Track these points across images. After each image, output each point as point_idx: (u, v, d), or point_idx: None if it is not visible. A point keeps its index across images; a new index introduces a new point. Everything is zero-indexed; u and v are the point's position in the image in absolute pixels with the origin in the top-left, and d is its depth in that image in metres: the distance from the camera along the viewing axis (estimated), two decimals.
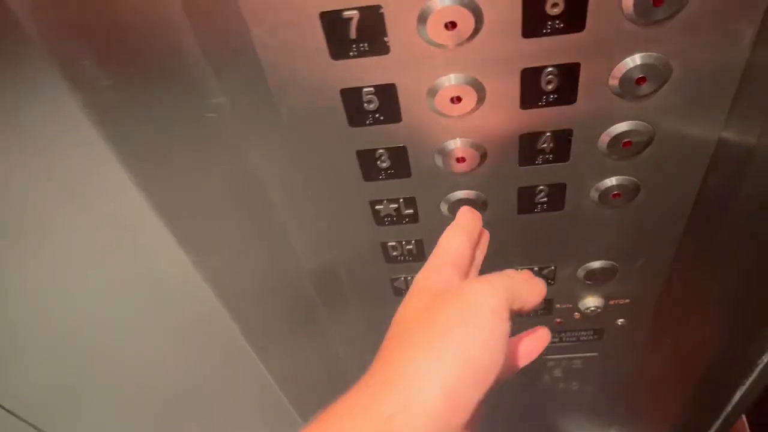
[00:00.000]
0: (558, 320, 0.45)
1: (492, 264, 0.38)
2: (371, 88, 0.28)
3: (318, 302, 0.44)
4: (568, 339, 0.47)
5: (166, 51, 0.27)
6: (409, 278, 0.40)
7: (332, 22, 0.25)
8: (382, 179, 0.33)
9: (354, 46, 0.26)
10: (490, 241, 0.34)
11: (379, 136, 0.31)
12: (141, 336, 0.53)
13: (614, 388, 0.55)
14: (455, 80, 0.28)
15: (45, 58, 0.27)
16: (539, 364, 0.50)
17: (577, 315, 0.44)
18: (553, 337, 0.47)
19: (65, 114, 0.30)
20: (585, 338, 0.47)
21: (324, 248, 0.39)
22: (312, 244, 0.39)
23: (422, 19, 0.25)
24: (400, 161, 0.32)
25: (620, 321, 0.45)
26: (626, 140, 0.30)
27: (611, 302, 0.43)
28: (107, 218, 0.38)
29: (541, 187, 0.33)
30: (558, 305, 0.43)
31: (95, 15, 0.25)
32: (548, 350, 0.47)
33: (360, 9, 0.25)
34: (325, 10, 0.25)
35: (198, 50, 0.27)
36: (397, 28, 0.26)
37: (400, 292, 0.42)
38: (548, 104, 0.29)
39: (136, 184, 0.33)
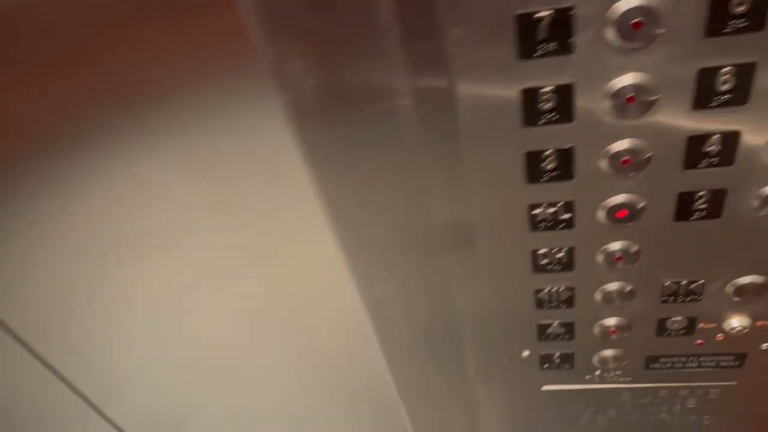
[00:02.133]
0: (699, 341, 0.44)
1: (638, 274, 0.38)
2: (550, 87, 0.30)
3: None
4: (706, 364, 0.46)
5: (368, 51, 0.30)
6: (554, 289, 0.41)
7: (526, 22, 0.28)
8: (544, 182, 0.35)
9: (541, 46, 0.29)
10: (641, 251, 0.35)
11: (549, 137, 0.32)
12: (271, 366, 0.55)
13: (749, 426, 0.53)
14: (633, 79, 0.29)
15: (260, 62, 0.31)
16: (670, 392, 0.49)
17: (720, 336, 0.43)
18: (691, 361, 0.46)
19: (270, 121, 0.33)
20: (725, 364, 0.46)
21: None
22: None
23: (610, 19, 0.27)
24: (567, 162, 0.33)
25: (765, 346, 0.44)
26: None
27: (758, 323, 0.42)
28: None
29: (702, 193, 0.34)
30: (701, 324, 0.43)
31: (316, 16, 0.29)
32: (683, 377, 0.47)
33: (555, 10, 0.27)
34: (523, 12, 0.28)
35: (397, 52, 0.30)
36: (585, 29, 0.28)
37: (542, 304, 0.43)
38: (720, 105, 0.30)
39: (317, 193, 0.36)
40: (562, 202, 0.36)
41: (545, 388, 0.50)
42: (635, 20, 0.27)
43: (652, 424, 0.54)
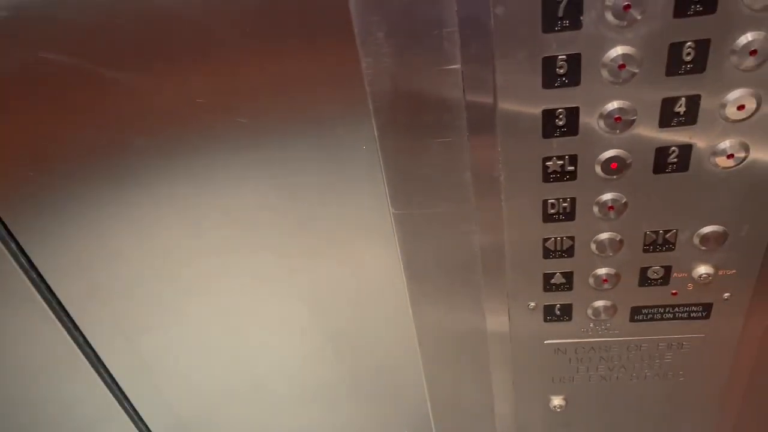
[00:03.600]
0: (673, 291, 0.54)
1: (625, 224, 0.49)
2: (564, 56, 0.41)
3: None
4: (680, 315, 0.56)
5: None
6: (558, 238, 0.51)
7: (549, 4, 0.39)
8: (556, 137, 0.45)
9: (559, 21, 0.40)
10: (628, 202, 0.46)
11: (561, 98, 0.43)
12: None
13: (717, 383, 0.62)
14: (624, 50, 0.41)
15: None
16: (650, 345, 0.59)
17: (690, 286, 0.54)
18: (667, 312, 0.56)
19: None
20: (695, 315, 0.56)
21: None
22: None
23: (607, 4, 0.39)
24: (573, 120, 0.44)
25: (727, 295, 0.54)
26: None
27: (720, 272, 0.52)
28: None
29: (673, 148, 0.45)
30: (675, 274, 0.53)
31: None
32: (661, 329, 0.56)
33: None
34: None
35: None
36: (589, 10, 0.39)
37: (548, 254, 0.52)
38: (685, 73, 0.41)
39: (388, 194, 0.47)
40: (567, 156, 0.46)
41: (547, 341, 0.59)
42: (626, 3, 0.39)
43: (636, 382, 0.62)
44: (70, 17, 0.43)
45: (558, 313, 0.56)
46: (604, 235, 0.51)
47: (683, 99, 0.43)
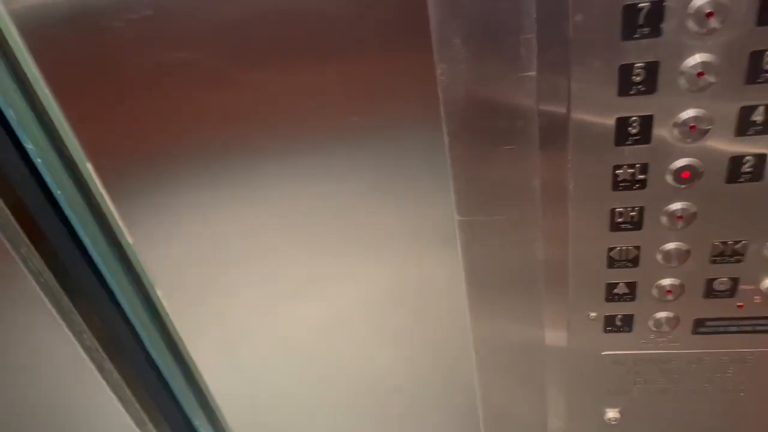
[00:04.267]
0: (739, 304, 0.53)
1: (693, 234, 0.48)
2: (641, 64, 0.41)
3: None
4: (745, 328, 0.55)
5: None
6: (624, 247, 0.51)
7: (630, 11, 0.39)
8: (628, 145, 0.45)
9: (639, 29, 0.40)
10: (697, 212, 0.45)
11: (635, 105, 0.43)
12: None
13: None
14: (702, 59, 0.41)
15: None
16: (712, 358, 0.58)
17: (758, 299, 0.53)
18: (732, 325, 0.55)
19: None
20: (761, 328, 0.55)
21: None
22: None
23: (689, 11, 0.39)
24: (646, 128, 0.44)
25: None
26: None
27: None
28: None
29: (748, 157, 0.45)
30: (742, 286, 0.52)
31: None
32: (724, 342, 0.55)
33: (651, 2, 0.39)
34: (629, 3, 0.39)
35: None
36: (670, 17, 0.39)
37: (612, 263, 0.52)
38: (765, 81, 0.41)
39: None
40: (639, 164, 0.46)
41: (605, 353, 0.59)
42: (708, 11, 0.39)
43: (695, 396, 0.62)
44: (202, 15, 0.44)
45: (618, 323, 0.56)
46: (670, 245, 0.50)
47: (762, 108, 0.42)
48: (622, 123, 0.44)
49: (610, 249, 0.51)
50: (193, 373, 1.02)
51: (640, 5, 0.39)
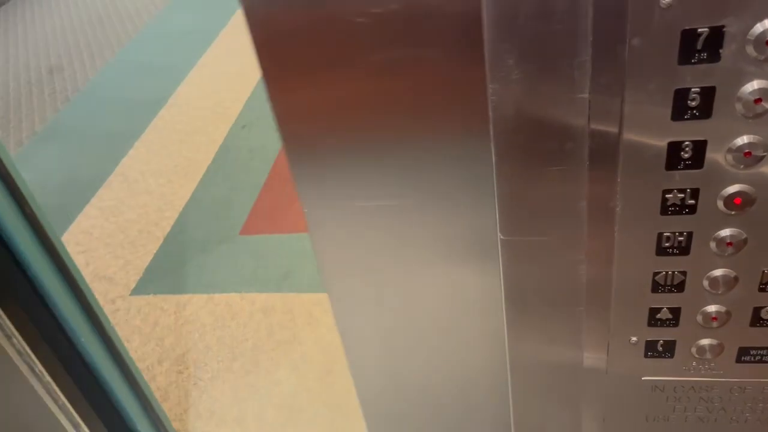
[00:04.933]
0: None
1: (742, 261, 0.48)
2: (697, 89, 0.41)
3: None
4: None
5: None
6: (670, 272, 0.50)
7: (688, 36, 0.39)
8: (679, 169, 0.45)
9: (696, 54, 0.40)
10: (748, 238, 0.44)
11: (689, 130, 0.43)
12: None
13: None
14: (760, 85, 0.40)
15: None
16: (755, 388, 0.57)
17: None
18: None
19: None
20: None
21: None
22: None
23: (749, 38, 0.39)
24: (699, 153, 0.44)
25: None
26: None
27: None
28: None
29: None
30: None
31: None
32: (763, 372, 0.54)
33: (710, 28, 0.39)
34: (687, 27, 0.39)
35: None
36: (729, 43, 0.39)
37: (657, 288, 0.51)
38: None
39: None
40: (689, 189, 0.46)
41: (645, 378, 0.58)
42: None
43: (735, 425, 0.60)
44: None
45: (660, 349, 0.55)
46: (718, 272, 0.49)
47: None
48: (675, 147, 0.44)
49: (656, 273, 0.51)
50: (134, 375, 1.02)
51: (699, 30, 0.39)
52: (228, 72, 2.67)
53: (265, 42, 0.46)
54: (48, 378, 0.79)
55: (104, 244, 1.91)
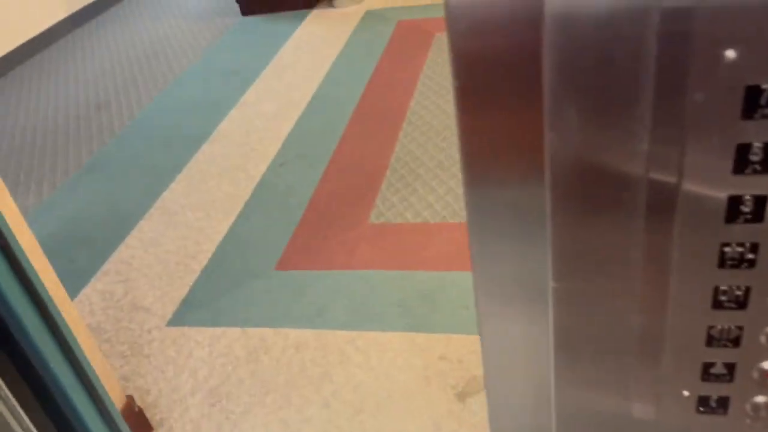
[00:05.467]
0: None
1: None
2: (760, 144, 0.41)
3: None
4: None
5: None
6: (726, 326, 0.49)
7: (752, 91, 0.39)
8: (739, 223, 0.44)
9: (760, 110, 0.40)
10: None
11: (750, 184, 0.43)
12: None
13: None
14: None
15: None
16: None
17: None
18: None
19: None
20: None
21: None
22: None
23: None
24: (760, 207, 0.43)
25: None
26: None
27: None
28: None
29: None
30: None
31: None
32: None
33: None
34: (751, 84, 0.39)
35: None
36: None
37: (711, 341, 0.51)
38: None
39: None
40: (749, 243, 0.45)
41: None
42: None
43: None
44: None
45: (713, 405, 0.54)
46: None
47: None
48: (735, 201, 0.44)
49: (711, 327, 0.50)
50: (91, 380, 1.00)
51: (763, 87, 0.39)
52: (267, 111, 2.73)
53: None
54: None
55: (143, 275, 1.94)
